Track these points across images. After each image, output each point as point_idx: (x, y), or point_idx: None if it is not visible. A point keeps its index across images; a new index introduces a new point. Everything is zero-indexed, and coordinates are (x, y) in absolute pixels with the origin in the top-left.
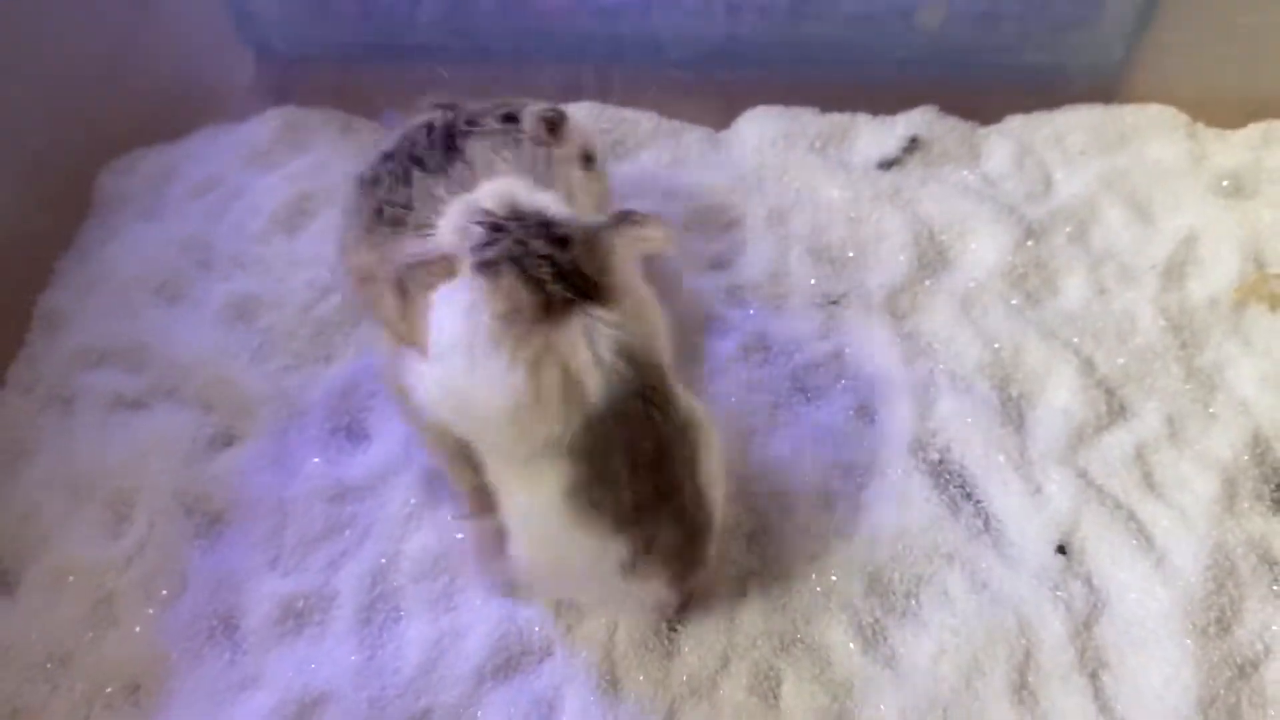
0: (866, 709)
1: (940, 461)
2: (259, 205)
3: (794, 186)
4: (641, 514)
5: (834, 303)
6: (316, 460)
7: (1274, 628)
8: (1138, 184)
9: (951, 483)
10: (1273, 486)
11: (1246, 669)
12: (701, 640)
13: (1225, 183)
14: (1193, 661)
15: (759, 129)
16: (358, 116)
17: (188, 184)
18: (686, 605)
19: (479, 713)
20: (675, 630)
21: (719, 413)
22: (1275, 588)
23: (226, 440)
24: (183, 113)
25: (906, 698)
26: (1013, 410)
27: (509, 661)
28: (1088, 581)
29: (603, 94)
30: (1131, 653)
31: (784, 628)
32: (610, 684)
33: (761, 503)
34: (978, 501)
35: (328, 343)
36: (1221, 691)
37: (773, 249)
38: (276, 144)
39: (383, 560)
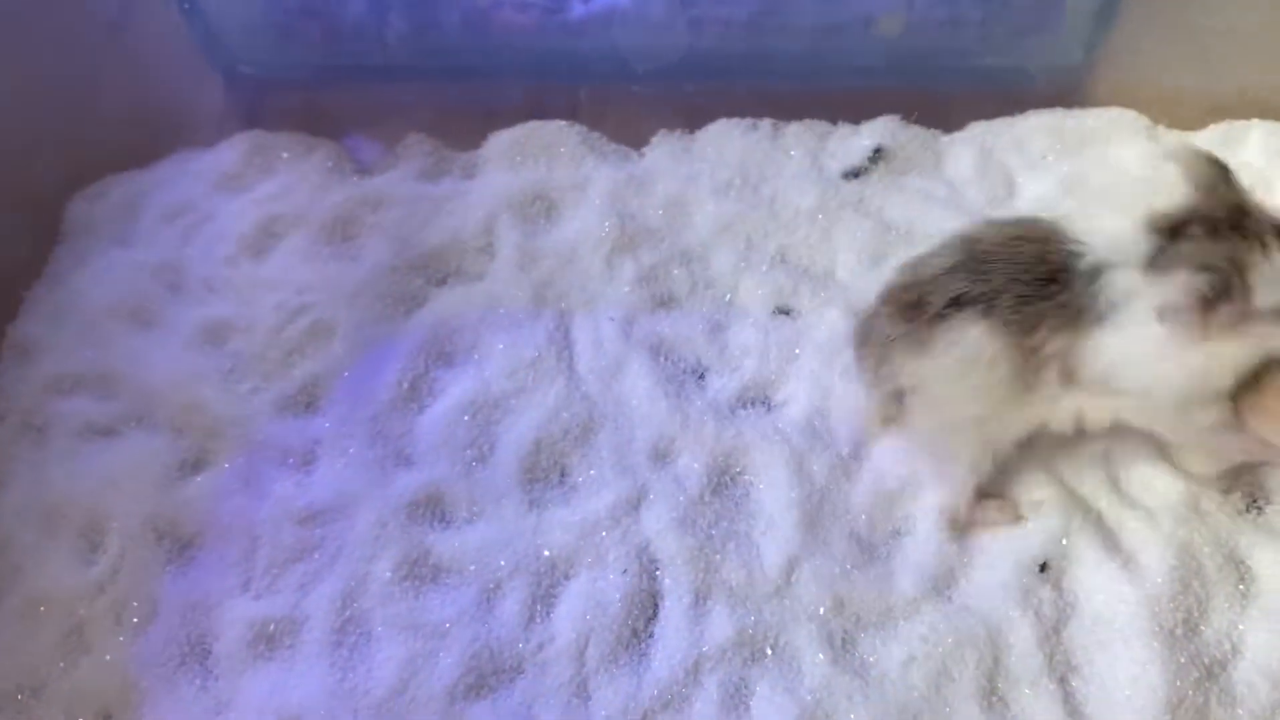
0: (837, 717)
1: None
2: (227, 229)
3: (765, 196)
4: None
5: (785, 313)
6: (287, 483)
7: (1241, 627)
8: (1100, 187)
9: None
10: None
11: (1214, 669)
12: (672, 653)
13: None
14: (1160, 662)
15: (724, 141)
16: (323, 139)
17: (158, 209)
18: None
19: None
20: (645, 642)
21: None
22: (1242, 587)
23: (197, 465)
24: (153, 138)
25: (876, 706)
26: None
27: (480, 680)
28: (1057, 586)
29: (570, 111)
30: (1100, 655)
31: (755, 639)
32: (581, 700)
33: (730, 510)
34: None
35: (297, 364)
36: (1190, 692)
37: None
38: (245, 168)
39: (353, 582)
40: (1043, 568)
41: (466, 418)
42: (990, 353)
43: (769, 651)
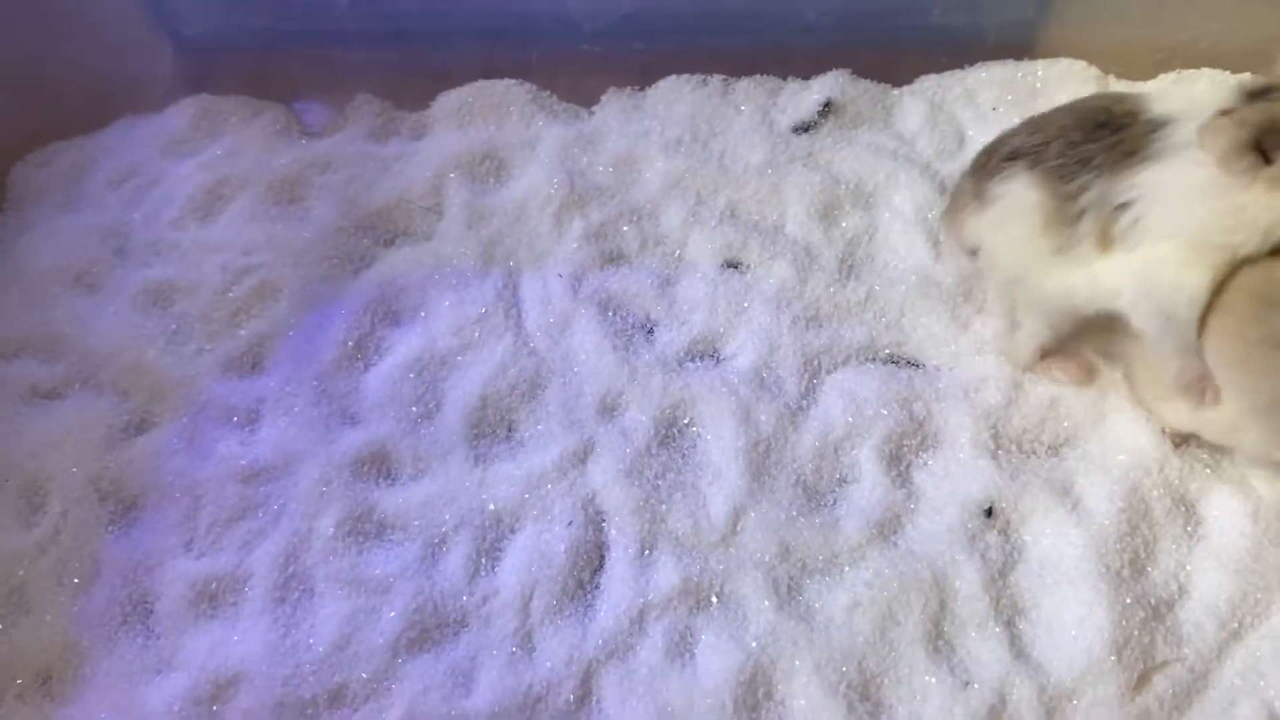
0: (781, 663)
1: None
2: (174, 193)
3: (714, 151)
4: None
5: (734, 266)
6: (231, 442)
7: (1189, 568)
8: None
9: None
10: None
11: (1161, 609)
12: (617, 603)
13: None
14: (1106, 603)
15: (674, 98)
16: (272, 102)
17: (104, 175)
18: None
19: (394, 686)
20: (591, 593)
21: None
22: (1190, 529)
23: (141, 426)
24: (100, 104)
25: (821, 652)
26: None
27: (424, 634)
28: (1003, 530)
29: (521, 72)
30: (1047, 597)
31: (700, 588)
32: (525, 651)
33: (678, 461)
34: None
35: (242, 324)
36: (1136, 632)
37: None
38: (192, 132)
39: (295, 539)
40: (988, 512)
41: (412, 375)
42: (1031, 201)
43: (714, 600)
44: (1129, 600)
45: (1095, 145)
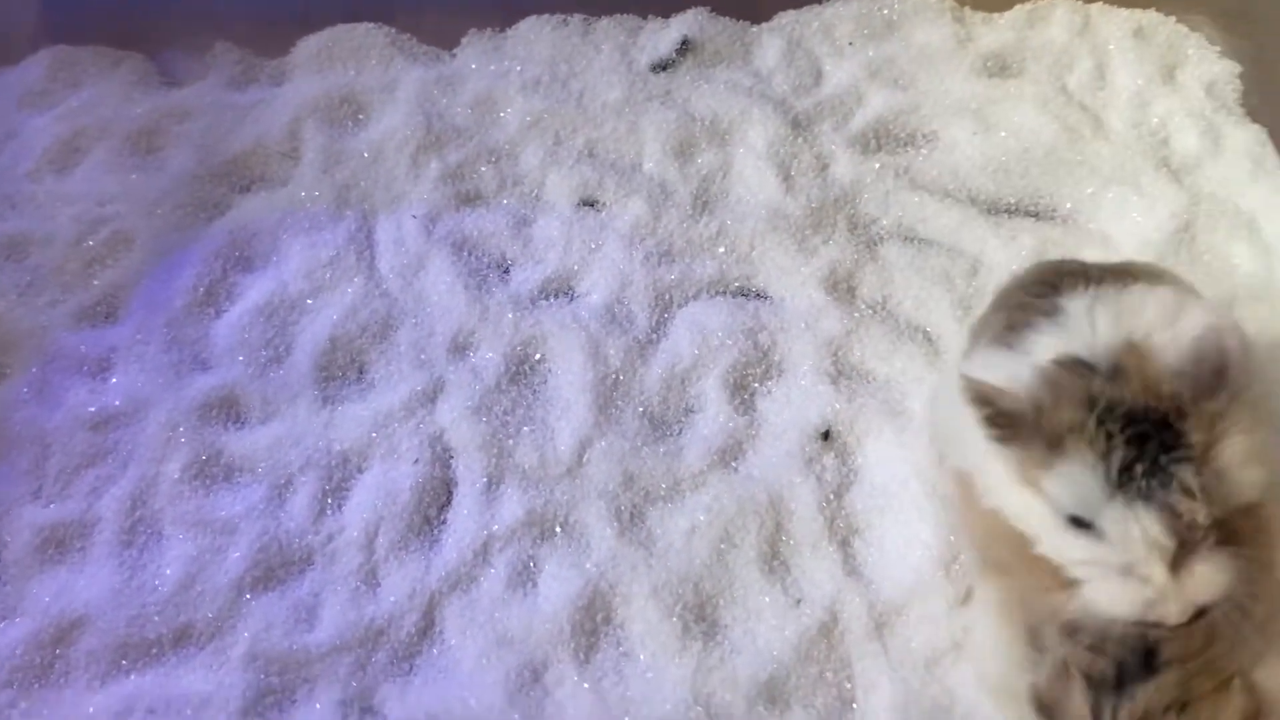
0: (620, 588)
1: None
2: (31, 146)
3: (573, 91)
4: None
5: (590, 205)
6: (81, 391)
7: None
8: (902, 69)
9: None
10: None
11: None
12: (462, 537)
13: (989, 63)
14: (934, 523)
15: (534, 38)
16: (131, 51)
17: None
18: None
19: (238, 624)
20: (437, 528)
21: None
22: None
23: None
24: None
25: (659, 575)
26: None
27: (269, 572)
28: (840, 453)
29: (383, 16)
30: (879, 518)
31: (546, 518)
32: (370, 586)
33: (527, 397)
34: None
35: (96, 275)
36: (962, 551)
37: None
38: (50, 83)
39: (143, 484)
40: (825, 436)
41: (263, 320)
42: None
43: (558, 530)
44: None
45: None
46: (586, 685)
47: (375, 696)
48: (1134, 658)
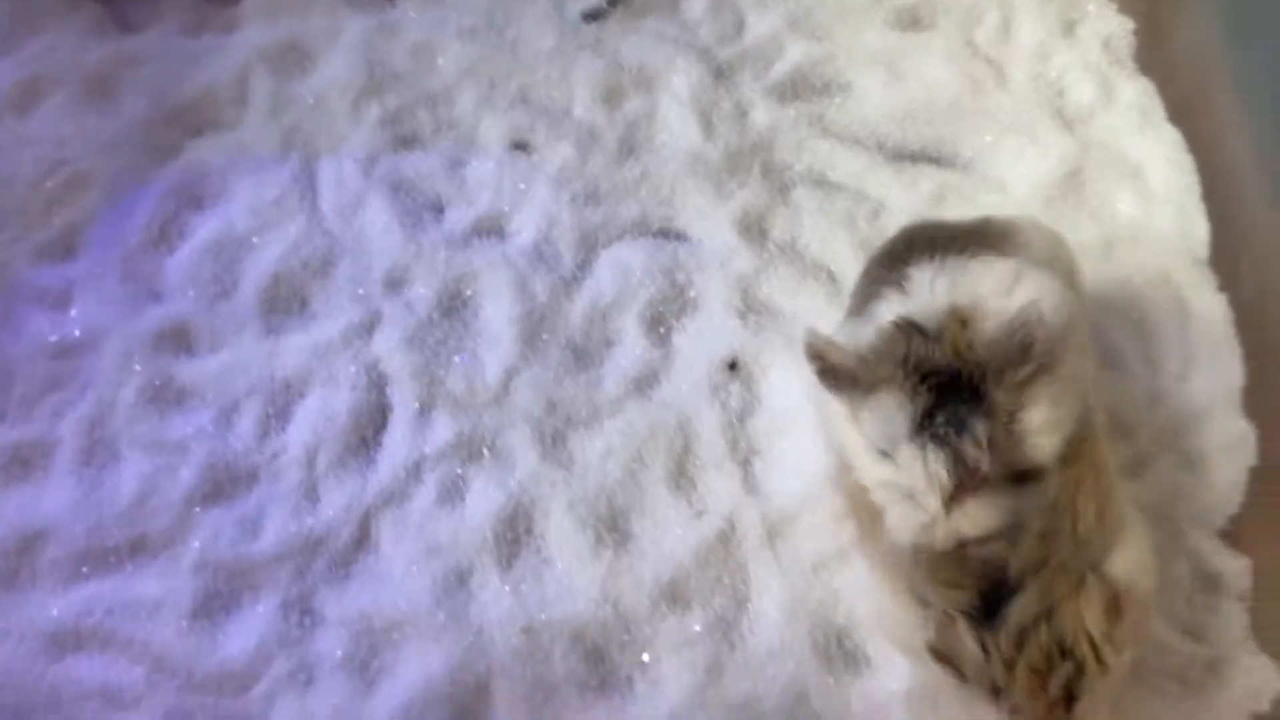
0: (540, 503)
1: None
2: None
3: (508, 39)
4: None
5: (522, 148)
6: (42, 322)
7: None
8: (820, 21)
9: None
10: None
11: None
12: (395, 456)
13: (902, 17)
14: (822, 444)
15: None
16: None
17: None
18: None
19: (189, 535)
20: (373, 449)
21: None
22: None
23: None
24: None
25: (576, 490)
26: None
27: (218, 488)
28: (745, 382)
29: None
30: (777, 440)
31: (474, 441)
32: (310, 501)
33: (459, 330)
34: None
35: (55, 214)
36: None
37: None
38: (9, 31)
39: (101, 408)
40: (732, 366)
41: (211, 256)
42: None
43: (485, 452)
44: None
45: None
46: (508, 588)
47: (314, 599)
48: (988, 585)
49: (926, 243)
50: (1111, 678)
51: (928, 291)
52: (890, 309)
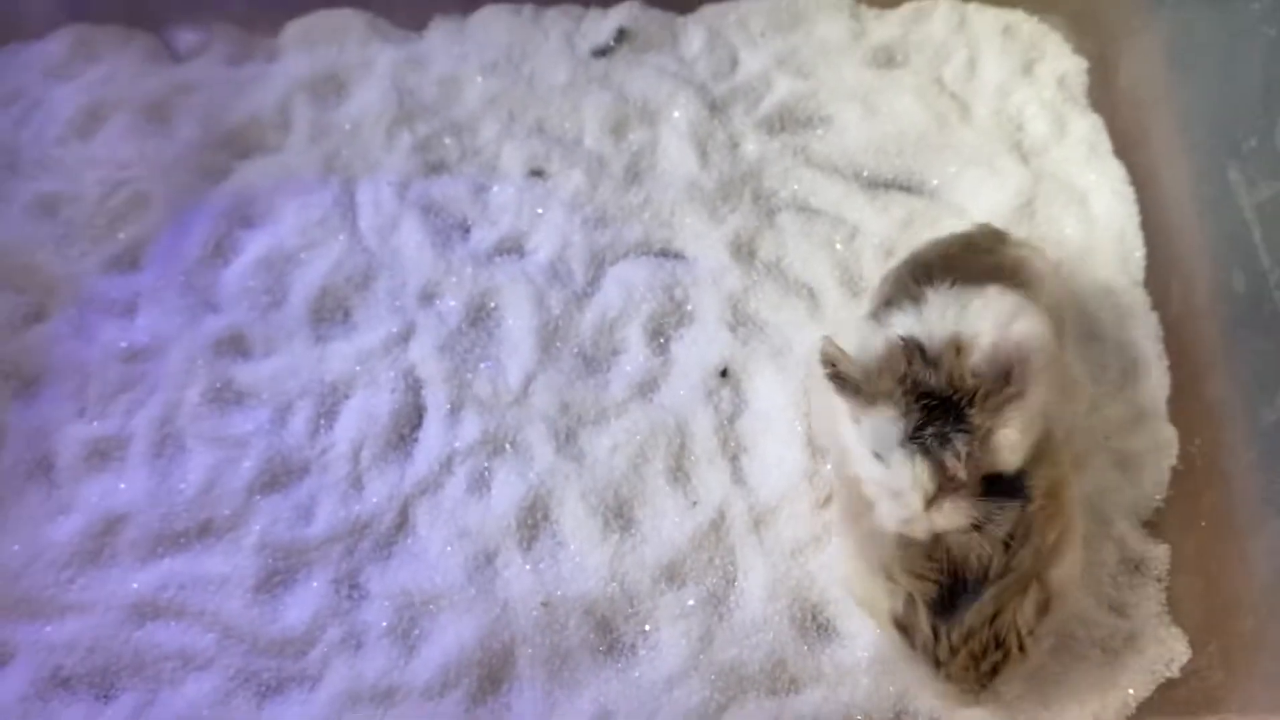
0: (556, 493)
1: None
2: (57, 114)
3: (525, 73)
4: None
5: (538, 175)
6: (112, 329)
7: None
8: (805, 59)
9: None
10: None
11: None
12: (430, 451)
13: (878, 55)
14: (800, 443)
15: (491, 24)
16: (141, 30)
17: None
18: None
19: (249, 520)
20: (410, 444)
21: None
22: None
23: (37, 317)
24: None
25: (587, 482)
26: None
27: (274, 479)
28: (735, 387)
29: (361, 1)
30: (762, 439)
31: (498, 438)
32: (356, 490)
33: (484, 339)
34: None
35: (120, 229)
36: (824, 467)
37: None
38: (71, 58)
39: (169, 407)
40: (724, 373)
41: (263, 270)
42: None
43: (508, 447)
44: (818, 442)
45: None
46: (528, 567)
47: (361, 576)
48: (952, 581)
49: (948, 266)
50: (1029, 660)
51: (938, 316)
52: (904, 324)
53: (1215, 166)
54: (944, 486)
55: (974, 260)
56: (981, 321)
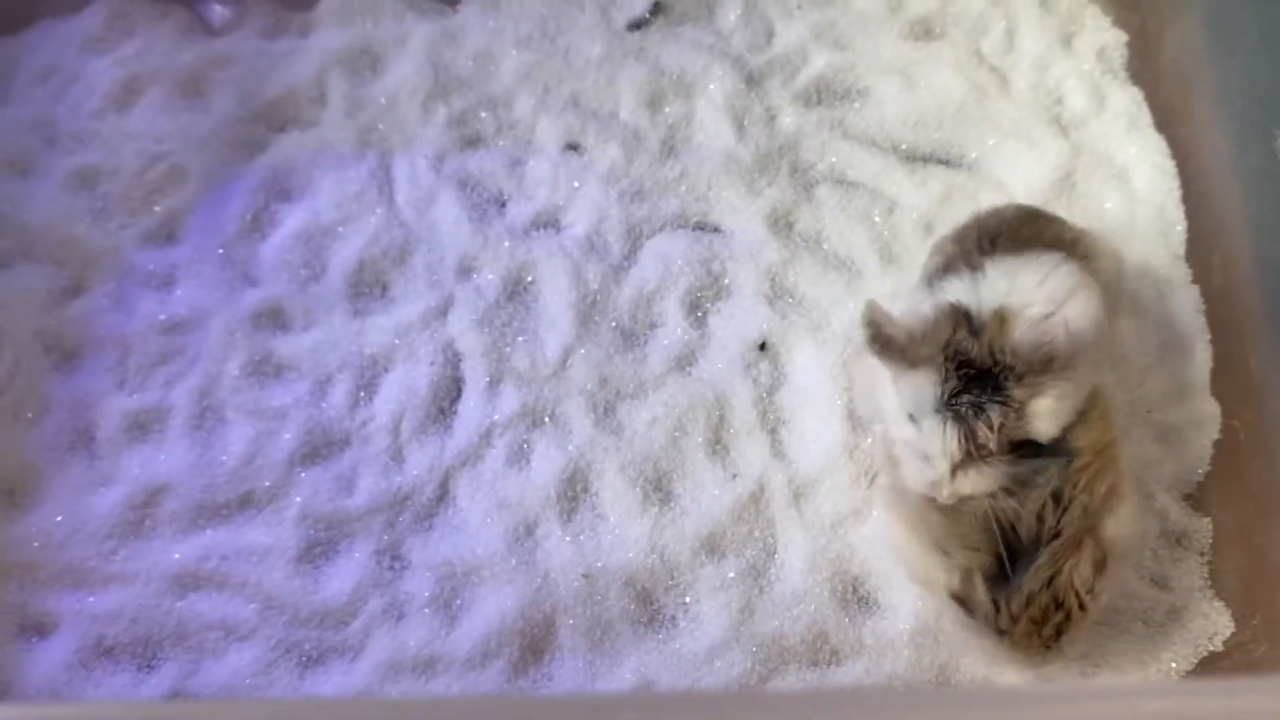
0: (595, 465)
1: None
2: (94, 87)
3: (560, 46)
4: None
5: (574, 149)
6: (151, 302)
7: None
8: (842, 32)
9: None
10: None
11: None
12: (469, 423)
13: (916, 28)
14: (840, 417)
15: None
16: (176, 4)
17: (29, 72)
18: None
19: (291, 491)
20: (450, 417)
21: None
22: None
23: (76, 290)
24: (22, 7)
25: (626, 455)
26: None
27: (315, 450)
28: (773, 360)
29: None
30: (801, 412)
31: (537, 410)
32: (397, 463)
33: (521, 313)
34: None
35: (157, 203)
36: (865, 440)
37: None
38: (107, 32)
39: (208, 379)
40: (762, 346)
41: (301, 244)
42: None
43: (547, 420)
44: (859, 415)
45: None
46: (568, 539)
47: (403, 548)
48: (1006, 547)
49: (1014, 237)
50: (1089, 617)
51: (990, 289)
52: (955, 290)
53: (1258, 139)
54: (972, 454)
55: (1036, 230)
56: (1037, 293)
